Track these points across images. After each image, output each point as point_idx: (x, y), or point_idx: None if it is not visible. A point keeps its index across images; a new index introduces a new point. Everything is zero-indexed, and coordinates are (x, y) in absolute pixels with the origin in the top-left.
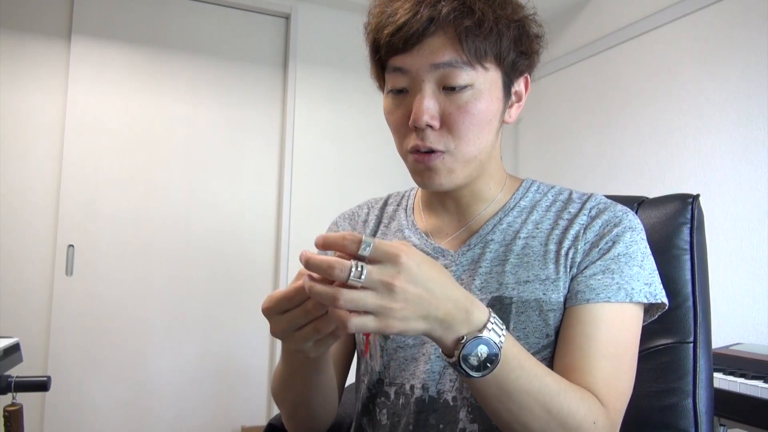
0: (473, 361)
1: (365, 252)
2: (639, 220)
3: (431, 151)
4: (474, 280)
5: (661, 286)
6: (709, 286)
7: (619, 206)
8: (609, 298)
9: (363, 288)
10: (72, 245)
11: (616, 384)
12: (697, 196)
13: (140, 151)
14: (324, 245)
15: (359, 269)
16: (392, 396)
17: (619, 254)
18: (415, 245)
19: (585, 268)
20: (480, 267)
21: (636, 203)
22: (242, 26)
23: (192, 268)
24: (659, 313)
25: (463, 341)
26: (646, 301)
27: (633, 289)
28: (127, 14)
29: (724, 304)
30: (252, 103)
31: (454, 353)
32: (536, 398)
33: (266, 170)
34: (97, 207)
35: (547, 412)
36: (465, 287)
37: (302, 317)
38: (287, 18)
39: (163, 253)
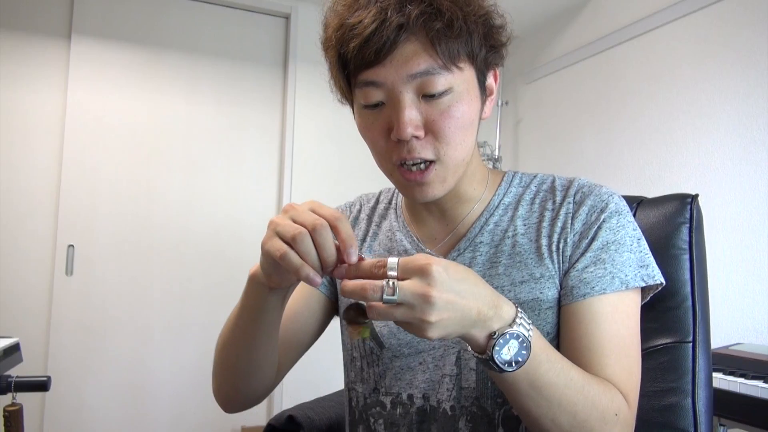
0: (505, 355)
1: (393, 273)
2: (624, 201)
3: (421, 163)
4: None
5: (656, 265)
6: (709, 286)
7: (604, 188)
8: (604, 289)
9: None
10: (72, 245)
11: (629, 376)
12: (696, 196)
13: (140, 151)
14: (354, 277)
15: (391, 286)
16: (388, 406)
17: (608, 242)
18: (406, 250)
19: (576, 262)
20: None
21: (635, 203)
22: (242, 26)
23: (192, 268)
24: (654, 293)
25: (495, 336)
26: (643, 284)
27: (627, 275)
28: (127, 14)
29: (723, 304)
30: (252, 103)
31: (486, 350)
32: (564, 392)
33: (266, 170)
34: (97, 207)
35: (573, 405)
36: None
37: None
38: (287, 18)
39: (163, 253)
